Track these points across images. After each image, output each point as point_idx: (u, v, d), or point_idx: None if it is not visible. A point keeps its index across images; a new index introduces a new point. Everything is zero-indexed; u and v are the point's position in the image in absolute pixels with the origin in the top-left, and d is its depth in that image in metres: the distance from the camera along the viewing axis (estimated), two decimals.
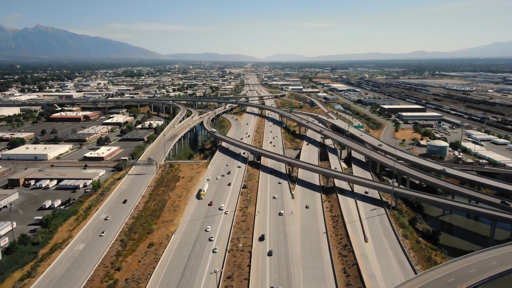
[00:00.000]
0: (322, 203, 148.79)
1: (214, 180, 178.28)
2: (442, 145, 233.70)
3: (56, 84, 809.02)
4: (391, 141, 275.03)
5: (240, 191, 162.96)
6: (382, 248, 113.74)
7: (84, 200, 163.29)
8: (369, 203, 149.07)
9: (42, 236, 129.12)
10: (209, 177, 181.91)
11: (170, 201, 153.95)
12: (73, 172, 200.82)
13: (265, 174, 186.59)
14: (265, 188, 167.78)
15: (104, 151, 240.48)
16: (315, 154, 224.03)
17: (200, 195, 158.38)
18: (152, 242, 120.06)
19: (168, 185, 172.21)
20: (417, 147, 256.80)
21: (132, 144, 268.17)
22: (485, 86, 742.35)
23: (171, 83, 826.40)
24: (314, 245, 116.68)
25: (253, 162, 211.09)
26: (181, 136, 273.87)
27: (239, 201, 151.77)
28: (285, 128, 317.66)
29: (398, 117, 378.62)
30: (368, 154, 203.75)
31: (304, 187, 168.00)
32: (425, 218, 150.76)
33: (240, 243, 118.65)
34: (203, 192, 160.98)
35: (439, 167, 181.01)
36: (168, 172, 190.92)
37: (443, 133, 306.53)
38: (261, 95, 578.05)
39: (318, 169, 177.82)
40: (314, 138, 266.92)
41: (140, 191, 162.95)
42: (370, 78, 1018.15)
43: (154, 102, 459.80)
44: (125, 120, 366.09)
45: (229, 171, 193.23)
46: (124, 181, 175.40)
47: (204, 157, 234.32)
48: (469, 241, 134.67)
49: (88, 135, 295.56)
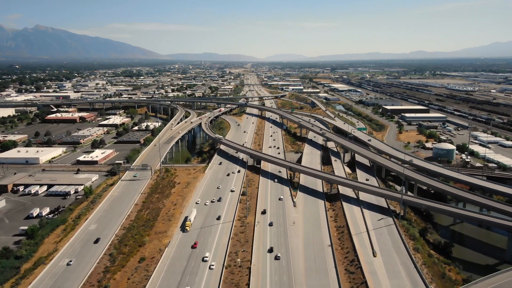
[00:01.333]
0: (326, 212, 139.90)
1: (211, 189, 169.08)
2: (449, 148, 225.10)
3: (54, 84, 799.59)
4: (395, 143, 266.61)
5: (238, 198, 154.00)
6: (392, 264, 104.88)
7: (74, 207, 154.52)
8: (376, 211, 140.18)
9: (27, 249, 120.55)
10: (198, 200, 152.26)
11: (165, 210, 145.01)
12: (65, 177, 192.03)
13: (265, 180, 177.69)
14: (265, 195, 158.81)
15: (98, 155, 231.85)
16: (317, 158, 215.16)
17: (186, 227, 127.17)
18: (144, 257, 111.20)
19: (163, 192, 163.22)
20: (423, 150, 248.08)
21: (128, 146, 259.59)
22: (488, 86, 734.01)
23: (170, 84, 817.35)
24: (319, 260, 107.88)
25: (253, 167, 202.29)
26: (178, 138, 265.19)
27: (237, 210, 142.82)
28: (286, 130, 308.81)
29: (401, 118, 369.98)
30: (373, 158, 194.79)
31: (307, 194, 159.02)
32: (435, 228, 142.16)
33: (238, 257, 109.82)
34: (189, 223, 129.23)
35: (451, 173, 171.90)
36: (163, 177, 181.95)
37: (448, 135, 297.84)
38: (261, 95, 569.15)
39: (321, 175, 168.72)
40: (316, 141, 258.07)
41: (133, 198, 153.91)
42: (371, 78, 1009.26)
43: (152, 103, 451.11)
44: (122, 122, 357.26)
45: (228, 173, 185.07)
46: (116, 188, 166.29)
47: (202, 160, 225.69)
48: (484, 253, 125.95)
49: (83, 137, 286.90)
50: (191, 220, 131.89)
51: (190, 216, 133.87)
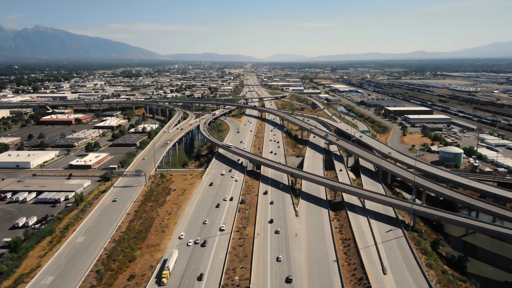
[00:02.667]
0: (331, 223, 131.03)
1: (207, 197, 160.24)
2: (457, 152, 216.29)
3: (51, 85, 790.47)
4: (399, 146, 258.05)
5: (237, 207, 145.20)
6: (404, 283, 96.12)
7: (63, 216, 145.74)
8: (383, 222, 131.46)
9: (8, 264, 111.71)
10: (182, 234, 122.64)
11: (159, 220, 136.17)
12: (55, 183, 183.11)
13: (265, 186, 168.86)
14: (265, 203, 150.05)
15: (92, 159, 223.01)
16: (319, 162, 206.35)
17: (162, 279, 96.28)
18: (134, 274, 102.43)
19: (158, 200, 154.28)
20: (428, 154, 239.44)
21: (123, 150, 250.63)
22: (490, 87, 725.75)
23: (169, 84, 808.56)
24: (324, 277, 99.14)
25: (252, 172, 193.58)
26: (175, 141, 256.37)
27: (236, 220, 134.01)
28: (287, 133, 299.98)
29: (405, 119, 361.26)
30: (379, 163, 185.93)
31: (309, 202, 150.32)
32: (447, 239, 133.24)
33: (236, 275, 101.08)
34: (167, 272, 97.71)
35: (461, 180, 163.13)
36: (158, 183, 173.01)
37: (454, 137, 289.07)
38: (261, 96, 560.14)
39: (325, 182, 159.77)
40: (317, 144, 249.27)
41: (125, 207, 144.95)
42: (372, 79, 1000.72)
43: (149, 104, 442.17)
44: (118, 123, 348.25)
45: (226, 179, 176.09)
46: (108, 195, 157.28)
47: (199, 165, 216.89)
48: (501, 268, 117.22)
49: (77, 140, 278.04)
50: (170, 269, 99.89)
51: (169, 262, 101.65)
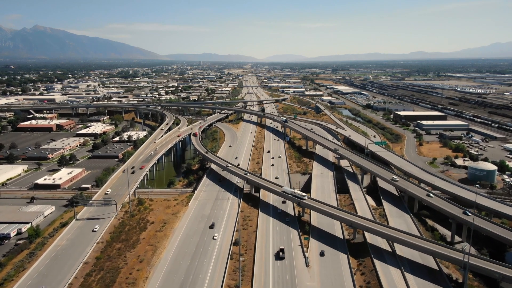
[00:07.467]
0: (353, 278, 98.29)
1: (195, 227, 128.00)
2: (490, 169, 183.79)
3: (43, 86, 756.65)
4: (417, 159, 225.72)
5: (229, 251, 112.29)
6: None
7: (6, 261, 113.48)
8: (423, 276, 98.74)
9: None
10: None
11: (126, 271, 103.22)
12: (9, 210, 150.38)
13: (265, 218, 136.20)
14: (266, 244, 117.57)
15: (62, 176, 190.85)
16: (330, 183, 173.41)
17: None
18: None
19: (129, 239, 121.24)
20: (453, 169, 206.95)
21: (103, 163, 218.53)
22: (499, 88, 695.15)
23: (165, 85, 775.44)
24: None
25: (250, 196, 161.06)
26: (162, 153, 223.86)
27: (227, 273, 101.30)
28: (289, 142, 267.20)
29: (418, 126, 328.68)
30: (404, 188, 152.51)
31: (322, 243, 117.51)
32: None
33: None
34: None
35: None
36: (133, 214, 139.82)
37: (477, 147, 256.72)
38: (260, 99, 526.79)
39: (342, 217, 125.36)
40: (326, 157, 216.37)
41: (85, 251, 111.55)
42: (374, 80, 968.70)
43: (140, 108, 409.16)
44: (103, 131, 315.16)
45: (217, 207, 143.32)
46: (66, 233, 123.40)
47: (188, 184, 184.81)
48: None
49: (53, 151, 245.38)
50: None
51: None
